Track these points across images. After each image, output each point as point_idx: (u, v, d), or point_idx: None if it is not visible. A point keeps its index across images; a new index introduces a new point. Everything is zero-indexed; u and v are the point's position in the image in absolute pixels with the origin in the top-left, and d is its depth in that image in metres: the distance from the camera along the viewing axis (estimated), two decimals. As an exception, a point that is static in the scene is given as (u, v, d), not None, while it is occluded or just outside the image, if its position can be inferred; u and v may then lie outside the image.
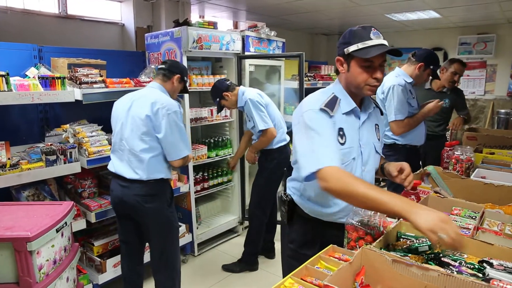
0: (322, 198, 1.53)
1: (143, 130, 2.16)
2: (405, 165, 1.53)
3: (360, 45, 1.37)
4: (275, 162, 3.08)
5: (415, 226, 1.09)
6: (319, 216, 1.56)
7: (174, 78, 2.37)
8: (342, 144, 1.46)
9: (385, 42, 1.39)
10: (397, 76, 2.72)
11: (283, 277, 1.60)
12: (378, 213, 1.33)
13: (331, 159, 1.32)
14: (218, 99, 3.05)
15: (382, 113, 1.72)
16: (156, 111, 2.15)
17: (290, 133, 2.99)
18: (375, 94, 1.55)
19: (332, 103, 1.46)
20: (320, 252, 1.26)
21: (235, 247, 3.61)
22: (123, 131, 2.23)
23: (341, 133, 1.46)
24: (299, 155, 1.43)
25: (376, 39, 1.38)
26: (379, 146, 1.61)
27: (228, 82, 3.05)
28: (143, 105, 2.18)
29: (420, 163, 3.09)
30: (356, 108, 1.51)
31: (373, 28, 1.40)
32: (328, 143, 1.37)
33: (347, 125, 1.49)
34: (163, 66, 2.39)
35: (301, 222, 1.62)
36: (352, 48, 1.39)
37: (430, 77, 2.82)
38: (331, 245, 1.29)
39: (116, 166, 2.27)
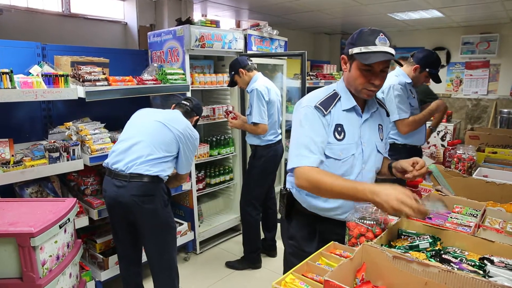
0: None
1: (166, 142, 2.25)
2: (418, 158, 1.52)
3: (362, 49, 1.39)
4: (262, 159, 3.09)
5: (376, 206, 1.24)
6: (316, 211, 1.57)
7: (194, 118, 2.57)
8: (340, 140, 1.49)
9: (390, 50, 1.39)
10: (396, 76, 2.69)
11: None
12: (380, 210, 1.34)
13: (310, 160, 1.41)
14: (233, 73, 3.06)
15: (388, 114, 1.72)
16: (187, 135, 2.35)
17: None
18: (372, 98, 1.58)
19: (328, 101, 1.50)
20: (321, 249, 1.26)
21: (237, 246, 3.62)
22: (140, 135, 2.23)
23: (339, 129, 1.49)
24: (290, 147, 1.50)
25: (381, 46, 1.38)
26: (382, 146, 1.61)
27: (249, 62, 3.05)
28: (177, 124, 2.34)
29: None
30: (356, 106, 1.53)
31: (381, 34, 1.40)
32: (313, 143, 1.43)
33: (347, 122, 1.51)
34: (188, 104, 2.53)
35: (299, 217, 1.62)
36: (355, 50, 1.41)
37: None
38: (332, 242, 1.30)
39: (113, 162, 2.21)
